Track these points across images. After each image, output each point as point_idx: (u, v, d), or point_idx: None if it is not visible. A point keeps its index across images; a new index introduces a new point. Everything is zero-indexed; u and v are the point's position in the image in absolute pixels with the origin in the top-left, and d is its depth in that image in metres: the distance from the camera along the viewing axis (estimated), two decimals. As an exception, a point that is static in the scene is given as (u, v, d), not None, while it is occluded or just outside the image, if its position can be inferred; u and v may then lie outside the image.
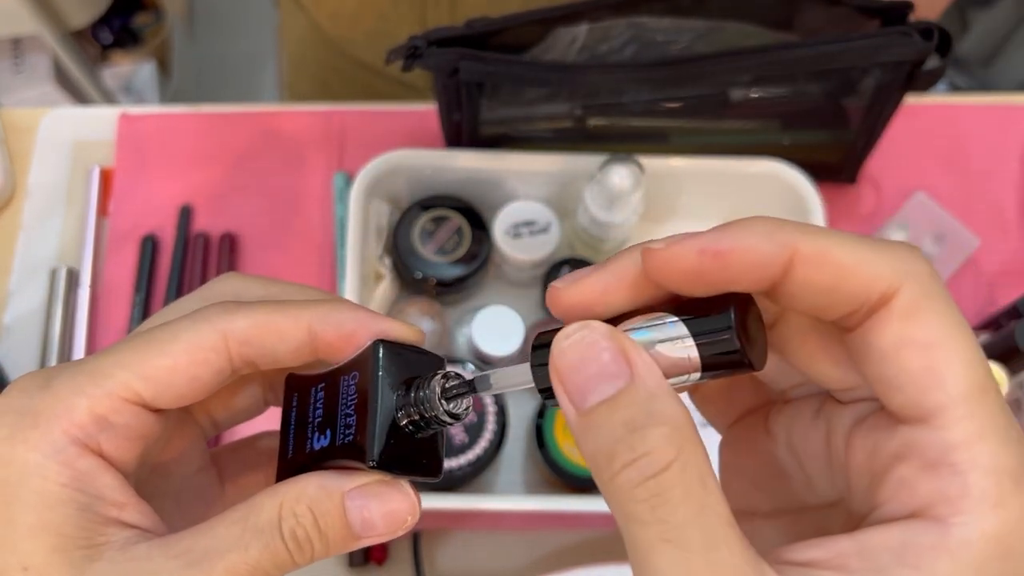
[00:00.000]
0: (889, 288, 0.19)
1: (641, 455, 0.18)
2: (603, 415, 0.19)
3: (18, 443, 0.23)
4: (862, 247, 0.19)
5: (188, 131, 0.67)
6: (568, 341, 0.20)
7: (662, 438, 0.19)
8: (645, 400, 0.19)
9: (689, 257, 0.20)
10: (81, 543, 0.22)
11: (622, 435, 0.19)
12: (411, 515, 0.24)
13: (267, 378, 0.29)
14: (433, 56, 0.52)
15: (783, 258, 0.19)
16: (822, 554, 0.19)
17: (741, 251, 0.20)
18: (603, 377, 0.19)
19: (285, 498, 0.23)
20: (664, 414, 0.19)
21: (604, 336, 0.20)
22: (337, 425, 0.24)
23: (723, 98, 0.57)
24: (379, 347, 0.24)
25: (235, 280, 0.27)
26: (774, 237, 0.19)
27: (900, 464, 0.19)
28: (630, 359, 0.20)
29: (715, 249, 0.20)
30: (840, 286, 0.19)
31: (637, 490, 0.19)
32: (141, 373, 0.24)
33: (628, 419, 0.19)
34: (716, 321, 0.20)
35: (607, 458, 0.19)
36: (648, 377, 0.19)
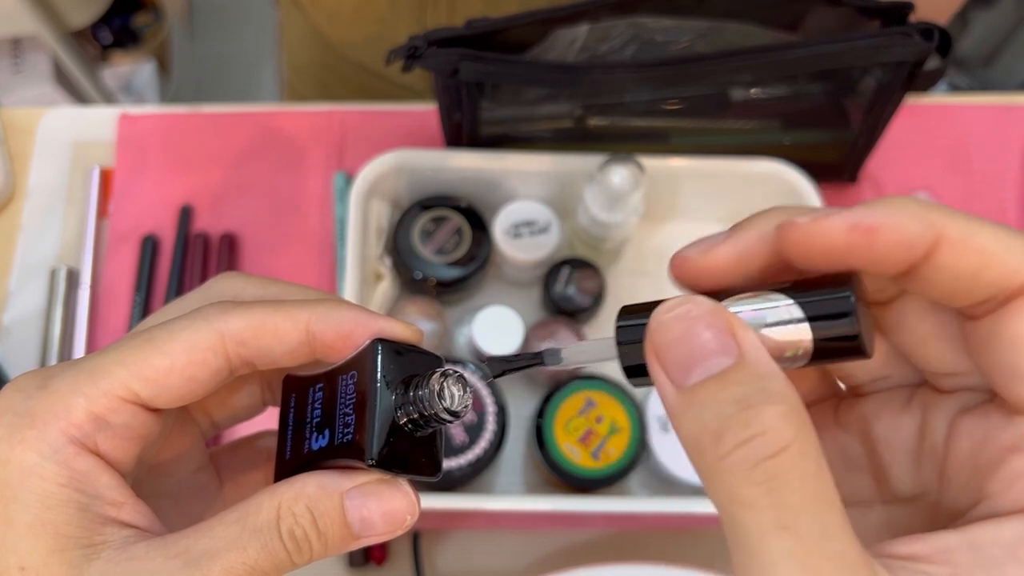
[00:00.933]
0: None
1: (756, 434, 0.17)
2: (710, 391, 0.18)
3: (16, 443, 0.23)
4: (1008, 236, 0.19)
5: (188, 131, 0.67)
6: (671, 314, 0.19)
7: (779, 417, 0.17)
8: (757, 378, 0.18)
9: (838, 233, 0.19)
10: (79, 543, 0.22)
11: (733, 412, 0.18)
12: (410, 514, 0.24)
13: (266, 378, 0.29)
14: (433, 56, 0.52)
15: (929, 239, 0.19)
16: (927, 548, 0.19)
17: (890, 228, 0.19)
18: (710, 352, 0.18)
19: (283, 498, 0.23)
20: (780, 393, 0.18)
21: (711, 311, 0.19)
22: (335, 425, 0.24)
23: (723, 98, 0.57)
24: (377, 346, 0.24)
25: (234, 279, 0.27)
26: (923, 217, 0.19)
27: (1016, 456, 0.19)
28: (739, 338, 0.19)
29: (867, 225, 0.19)
30: (982, 273, 0.19)
31: (752, 472, 0.17)
32: (139, 373, 0.24)
33: (741, 396, 0.18)
34: (836, 304, 0.19)
35: (715, 437, 0.18)
36: (758, 355, 0.18)
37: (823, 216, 0.19)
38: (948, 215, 0.19)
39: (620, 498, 0.56)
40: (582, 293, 0.59)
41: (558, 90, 0.56)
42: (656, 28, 0.54)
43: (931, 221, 0.19)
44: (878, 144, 0.62)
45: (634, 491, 0.58)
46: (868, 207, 0.19)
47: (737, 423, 0.17)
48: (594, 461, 0.55)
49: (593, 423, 0.55)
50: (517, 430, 0.59)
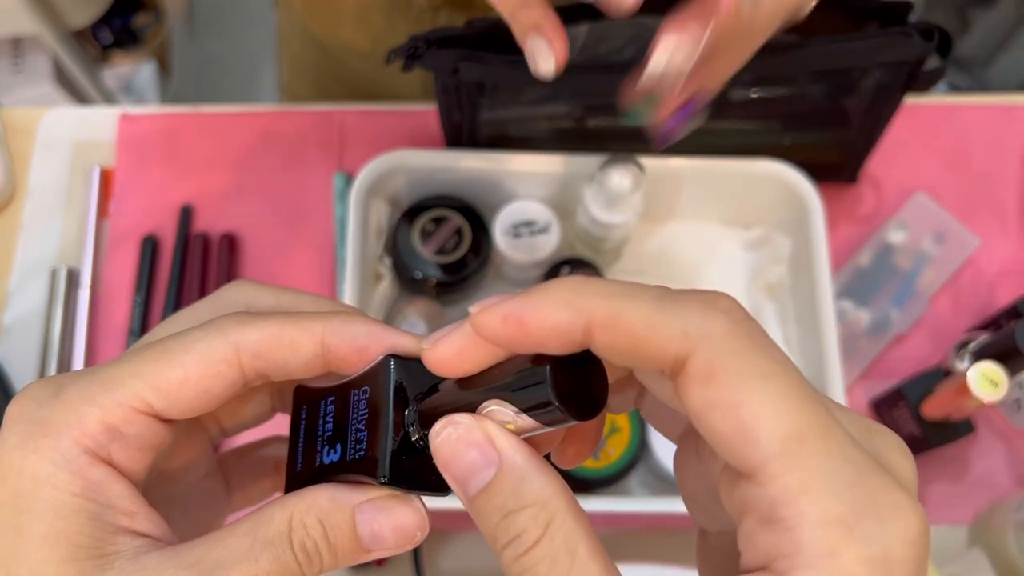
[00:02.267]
0: (680, 352, 0.19)
1: (513, 537, 0.21)
2: (482, 503, 0.21)
3: (29, 452, 0.23)
4: (655, 310, 0.20)
5: (188, 131, 0.67)
6: (438, 440, 0.22)
7: (530, 519, 0.20)
8: (514, 484, 0.21)
9: (495, 324, 0.21)
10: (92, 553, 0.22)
11: (497, 520, 0.21)
12: (420, 530, 0.24)
13: (276, 386, 0.29)
14: (433, 56, 0.52)
15: (581, 324, 0.20)
16: None
17: (540, 319, 0.20)
18: (478, 467, 0.21)
19: (295, 510, 0.23)
20: (531, 495, 0.21)
21: (468, 429, 0.22)
22: (347, 440, 0.24)
23: (723, 98, 0.57)
24: (390, 362, 0.24)
25: (247, 288, 0.27)
26: (571, 304, 0.20)
27: (745, 518, 0.19)
28: (498, 446, 0.21)
29: (516, 317, 0.21)
30: (638, 351, 0.20)
31: (513, 566, 0.21)
32: (153, 384, 0.24)
33: (500, 505, 0.21)
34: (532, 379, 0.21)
35: (491, 539, 0.21)
36: (515, 458, 0.21)
37: (486, 307, 0.21)
38: (599, 296, 0.20)
39: (620, 498, 0.56)
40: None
41: (558, 90, 0.56)
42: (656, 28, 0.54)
43: (579, 306, 0.20)
44: (878, 144, 0.62)
45: (634, 491, 0.58)
46: (523, 297, 0.21)
47: (501, 530, 0.21)
48: (594, 461, 0.55)
49: (593, 423, 0.55)
50: (517, 430, 0.59)
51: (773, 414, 0.18)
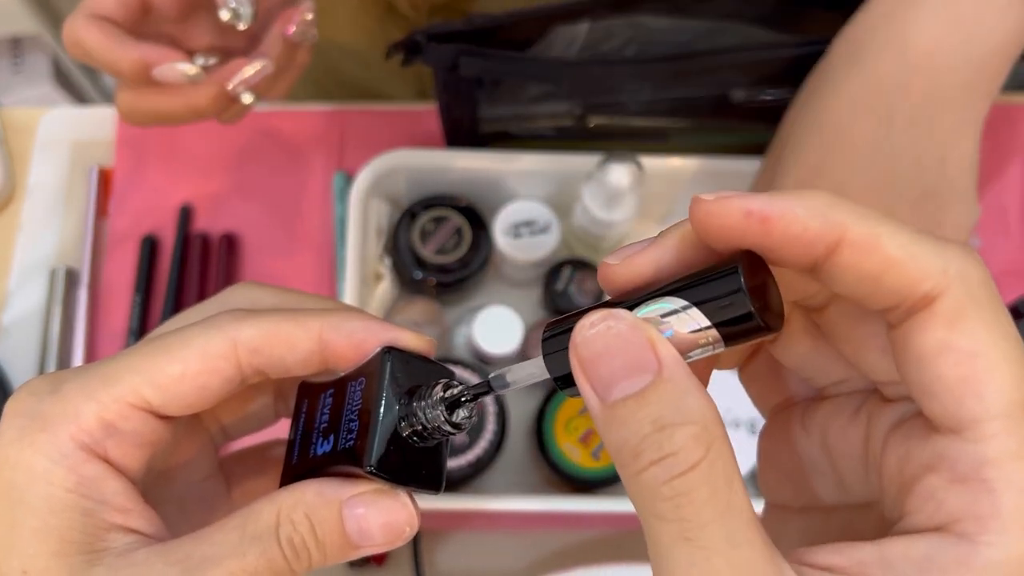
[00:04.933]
0: (934, 289, 0.18)
1: (668, 454, 0.18)
2: (630, 410, 0.19)
3: (25, 447, 0.23)
4: (915, 241, 0.19)
5: (188, 131, 0.67)
6: (593, 330, 0.19)
7: (690, 437, 0.18)
8: (674, 396, 0.18)
9: (734, 216, 0.19)
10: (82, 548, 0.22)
11: (649, 432, 0.18)
12: (409, 526, 0.24)
13: (278, 388, 0.29)
14: (433, 51, 0.51)
15: (830, 238, 0.19)
16: (843, 560, 0.19)
17: (787, 222, 0.19)
18: (630, 370, 0.19)
19: (283, 505, 0.23)
20: (693, 412, 0.18)
21: (631, 326, 0.19)
22: (340, 430, 0.24)
23: (723, 99, 0.57)
24: (387, 354, 0.24)
25: (251, 289, 0.27)
26: (826, 215, 0.19)
27: (931, 474, 0.19)
28: (658, 352, 0.19)
29: (761, 214, 0.19)
30: (884, 278, 0.19)
31: (662, 488, 0.18)
32: (151, 379, 0.24)
33: (656, 416, 0.18)
34: (723, 284, 0.19)
35: (633, 454, 0.19)
36: (676, 371, 0.19)
37: (725, 198, 0.19)
38: (855, 215, 0.19)
39: (620, 498, 0.56)
40: (582, 293, 0.59)
41: (558, 87, 0.56)
42: (656, 28, 0.54)
43: (834, 219, 0.19)
44: (878, 144, 0.62)
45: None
46: (773, 196, 0.19)
47: (652, 443, 0.18)
48: (594, 461, 0.55)
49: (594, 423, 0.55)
50: (517, 430, 0.59)
51: (1009, 374, 0.18)
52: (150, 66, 0.46)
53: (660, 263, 0.21)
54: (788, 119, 0.50)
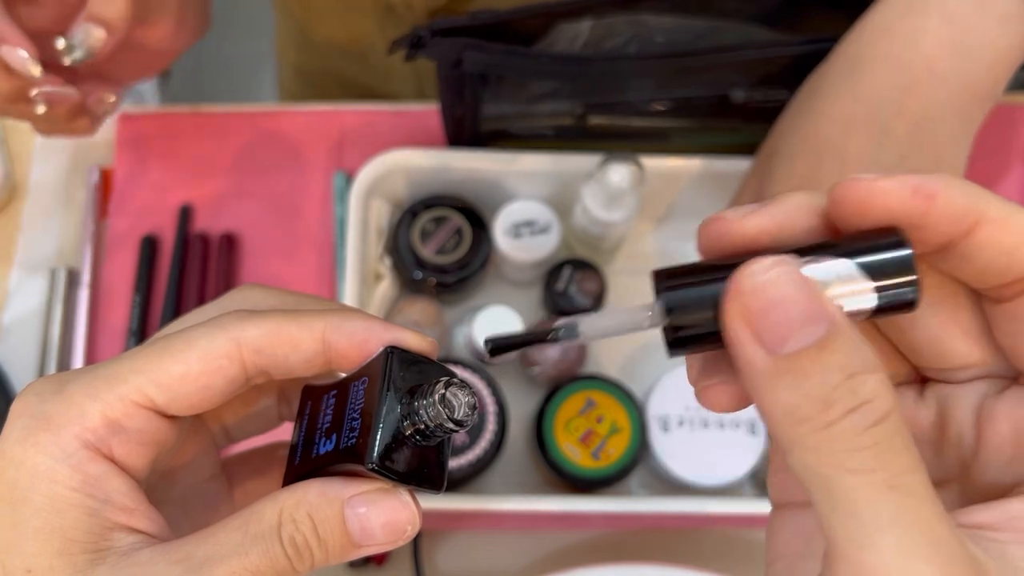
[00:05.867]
0: None
1: (864, 401, 0.17)
2: (813, 359, 0.18)
3: (30, 446, 0.23)
4: None
5: (188, 131, 0.67)
6: (766, 276, 0.18)
7: (881, 385, 0.18)
8: (856, 345, 0.18)
9: (902, 194, 0.19)
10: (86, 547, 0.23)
11: (840, 381, 0.18)
12: (411, 525, 0.24)
13: (282, 391, 0.30)
14: (437, 46, 0.51)
15: (973, 216, 0.20)
16: (992, 517, 0.19)
17: (946, 199, 0.19)
18: (807, 319, 0.18)
19: (285, 504, 0.23)
20: (875, 361, 0.18)
21: (804, 276, 0.18)
22: (343, 429, 0.24)
23: (724, 99, 0.57)
24: (389, 354, 0.24)
25: (254, 291, 0.27)
26: (971, 193, 0.20)
27: None
28: (827, 304, 0.18)
29: (928, 190, 0.19)
30: (1018, 251, 0.20)
31: (860, 437, 0.17)
32: (155, 379, 0.24)
33: (844, 364, 0.18)
34: (897, 258, 0.19)
35: (823, 405, 0.18)
36: (847, 323, 0.18)
37: (886, 176, 0.20)
38: (990, 195, 0.20)
39: (620, 498, 0.56)
40: (583, 294, 0.59)
41: (560, 86, 0.56)
42: (658, 27, 0.54)
43: (977, 197, 0.20)
44: (878, 144, 0.62)
45: (634, 491, 0.58)
46: (922, 176, 0.20)
47: (845, 391, 0.18)
48: (594, 461, 0.55)
49: (593, 423, 0.55)
50: (517, 430, 0.59)
51: None
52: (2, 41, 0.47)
53: (783, 226, 0.20)
54: (780, 126, 0.51)
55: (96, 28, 0.49)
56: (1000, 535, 0.19)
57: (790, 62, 0.53)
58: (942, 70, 0.43)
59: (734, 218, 0.21)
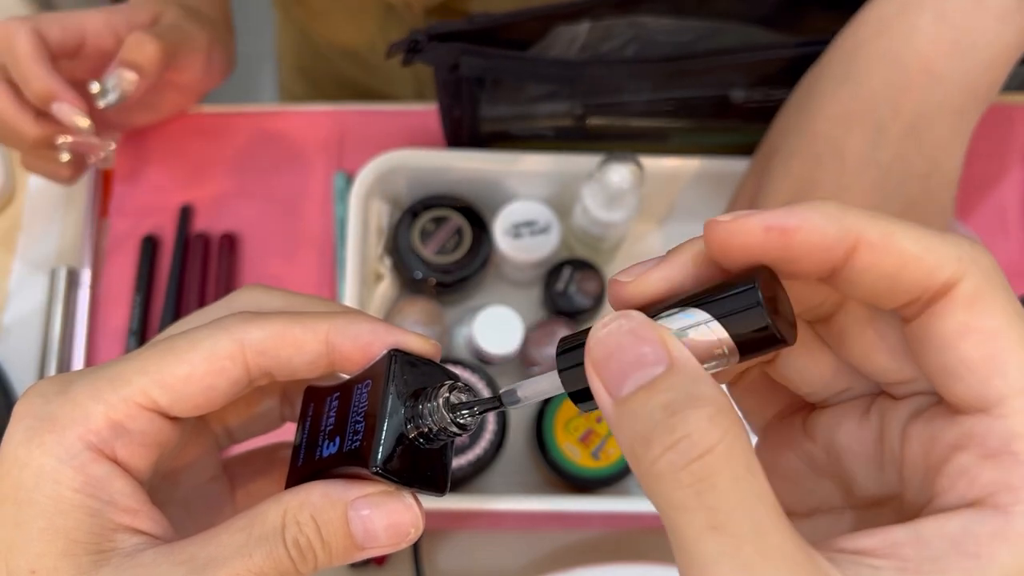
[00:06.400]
0: (952, 276, 0.19)
1: (682, 437, 0.18)
2: (641, 400, 0.19)
3: (34, 447, 0.23)
4: (926, 236, 0.19)
5: (188, 131, 0.67)
6: (605, 330, 0.20)
7: (705, 419, 0.18)
8: (685, 383, 0.18)
9: (754, 232, 0.20)
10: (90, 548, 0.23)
11: (661, 418, 0.18)
12: (414, 528, 0.24)
13: (285, 392, 0.30)
14: (434, 50, 0.51)
15: (847, 242, 0.19)
16: (875, 543, 0.19)
17: (807, 231, 0.19)
18: (641, 363, 0.19)
19: (289, 506, 0.23)
20: (705, 396, 0.18)
21: (642, 324, 0.20)
22: (346, 432, 0.24)
23: (723, 99, 0.57)
24: (393, 357, 0.24)
25: (258, 292, 0.27)
26: (841, 220, 0.19)
27: (960, 453, 0.19)
28: (668, 346, 0.19)
29: (782, 226, 0.19)
30: (903, 273, 0.19)
31: (680, 475, 0.18)
32: (159, 380, 0.24)
33: (667, 402, 0.18)
34: (742, 299, 0.20)
35: (645, 444, 0.18)
36: (687, 362, 0.19)
37: (744, 216, 0.20)
38: (867, 218, 0.19)
39: (620, 498, 0.56)
40: (583, 294, 0.59)
41: (559, 87, 0.56)
42: (656, 28, 0.54)
43: (849, 224, 0.19)
44: (878, 144, 0.62)
45: (634, 491, 0.58)
46: (787, 209, 0.20)
47: (664, 428, 0.18)
48: (594, 461, 0.55)
49: (593, 423, 0.55)
50: (517, 430, 0.59)
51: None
52: (55, 98, 0.49)
53: (673, 281, 0.21)
54: (778, 126, 0.51)
55: (129, 72, 0.52)
56: (877, 561, 0.19)
57: (789, 62, 0.53)
58: (938, 68, 0.43)
59: (627, 280, 0.21)
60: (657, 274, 0.21)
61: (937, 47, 0.43)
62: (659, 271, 0.21)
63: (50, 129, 0.53)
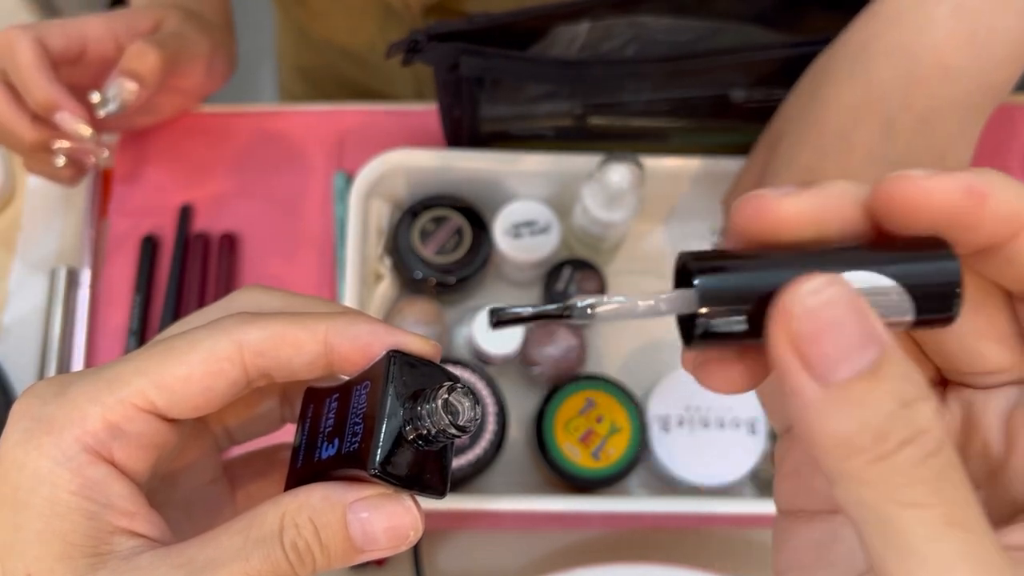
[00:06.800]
0: None
1: (920, 431, 0.16)
2: (865, 387, 0.17)
3: (31, 449, 0.23)
4: None
5: (188, 131, 0.67)
6: (817, 299, 0.17)
7: (935, 414, 0.17)
8: (905, 371, 0.17)
9: (954, 194, 0.18)
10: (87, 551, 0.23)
11: (894, 410, 0.17)
12: (413, 530, 0.24)
13: (285, 393, 0.29)
14: (433, 50, 0.51)
15: (1022, 219, 0.19)
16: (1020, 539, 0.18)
17: (997, 201, 0.18)
18: (858, 345, 0.17)
19: (287, 508, 0.23)
20: (923, 386, 0.17)
21: (855, 296, 0.17)
22: (345, 434, 0.24)
23: (723, 99, 0.57)
24: (392, 358, 0.24)
25: (256, 292, 0.27)
26: (1020, 195, 0.19)
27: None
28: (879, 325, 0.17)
29: (982, 190, 0.18)
30: None
31: (918, 470, 0.16)
32: (156, 381, 0.24)
33: (898, 390, 0.17)
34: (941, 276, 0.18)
35: (878, 436, 0.17)
36: (895, 346, 0.17)
37: (938, 175, 0.19)
38: None
39: (620, 498, 0.56)
40: (583, 294, 0.59)
41: (559, 86, 0.56)
42: (657, 28, 0.54)
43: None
44: (878, 144, 0.62)
45: (634, 491, 0.58)
46: (975, 174, 0.19)
47: (900, 420, 0.17)
48: (594, 461, 0.55)
49: (593, 423, 0.55)
50: (517, 430, 0.59)
51: None
52: (56, 108, 0.50)
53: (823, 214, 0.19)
54: (786, 112, 0.50)
55: (129, 82, 0.52)
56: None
57: (789, 62, 0.53)
58: (953, 63, 0.42)
59: (773, 197, 0.19)
60: (805, 199, 0.19)
61: (953, 41, 0.42)
62: (809, 197, 0.19)
63: (47, 133, 0.53)
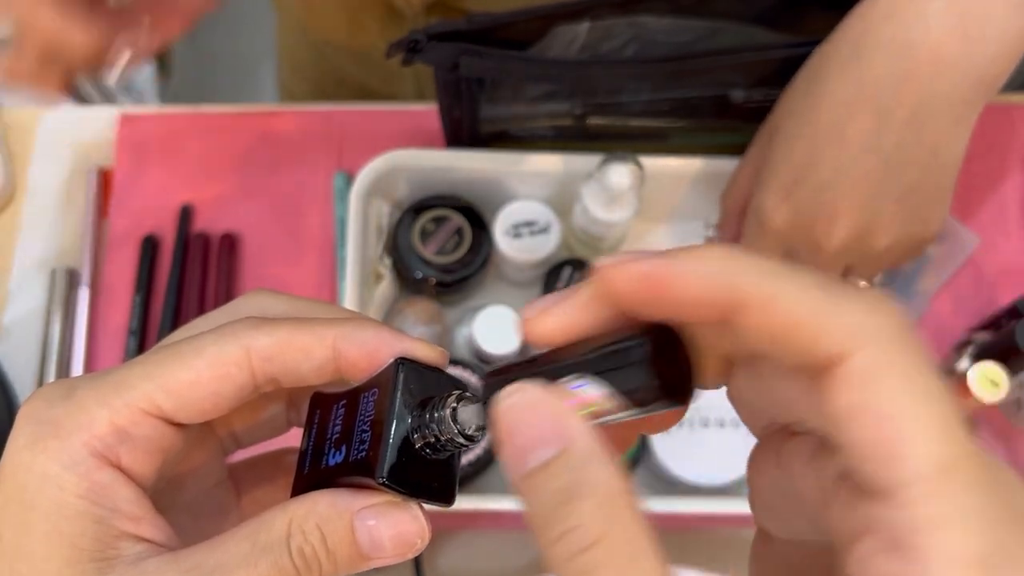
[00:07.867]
0: (842, 349, 0.17)
1: (571, 528, 0.18)
2: (539, 481, 0.19)
3: (39, 452, 0.23)
4: (821, 299, 0.18)
5: (188, 131, 0.67)
6: (507, 403, 0.20)
7: (591, 511, 0.18)
8: (577, 467, 0.19)
9: (632, 281, 0.19)
10: (94, 556, 0.22)
11: (556, 504, 0.19)
12: (420, 538, 0.23)
13: (291, 397, 0.29)
14: (433, 50, 0.51)
15: (728, 299, 0.18)
16: None
17: (686, 286, 0.19)
18: (540, 441, 0.19)
19: (294, 515, 0.23)
20: (595, 482, 0.19)
21: (539, 400, 0.20)
22: (352, 441, 0.24)
23: (723, 99, 0.57)
24: (400, 365, 0.24)
25: (263, 296, 0.27)
26: (725, 275, 0.18)
27: (864, 539, 0.18)
28: (563, 424, 0.19)
29: (660, 280, 0.19)
30: (788, 339, 0.18)
31: (569, 564, 0.18)
32: (164, 386, 0.24)
33: (561, 488, 0.19)
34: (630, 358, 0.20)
35: (544, 525, 0.19)
36: (580, 441, 0.19)
37: (623, 262, 0.20)
38: (756, 273, 0.18)
39: (620, 498, 0.56)
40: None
41: (559, 87, 0.56)
42: (656, 28, 0.54)
43: (734, 281, 0.18)
44: (878, 144, 0.62)
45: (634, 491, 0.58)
46: (670, 256, 0.19)
47: (556, 516, 0.19)
48: (594, 461, 0.55)
49: (593, 423, 0.55)
50: (517, 430, 0.59)
51: (928, 436, 0.17)
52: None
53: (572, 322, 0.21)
54: (782, 106, 0.50)
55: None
56: None
57: (789, 63, 0.53)
58: (947, 56, 0.42)
59: (532, 317, 0.21)
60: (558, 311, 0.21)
61: (946, 36, 0.42)
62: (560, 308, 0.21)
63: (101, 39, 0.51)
